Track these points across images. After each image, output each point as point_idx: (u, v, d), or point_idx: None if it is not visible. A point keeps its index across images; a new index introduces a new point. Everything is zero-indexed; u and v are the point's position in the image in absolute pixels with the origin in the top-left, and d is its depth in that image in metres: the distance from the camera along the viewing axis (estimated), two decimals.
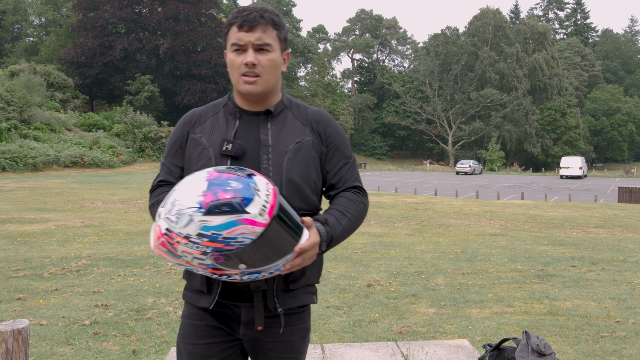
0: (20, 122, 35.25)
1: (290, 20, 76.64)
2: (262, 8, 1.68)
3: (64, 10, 64.46)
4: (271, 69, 1.67)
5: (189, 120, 1.79)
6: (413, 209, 17.43)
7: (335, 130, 1.79)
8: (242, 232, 1.33)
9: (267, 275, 1.46)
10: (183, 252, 1.35)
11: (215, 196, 1.33)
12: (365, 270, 7.60)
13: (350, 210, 1.71)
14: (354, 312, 5.41)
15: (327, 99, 67.48)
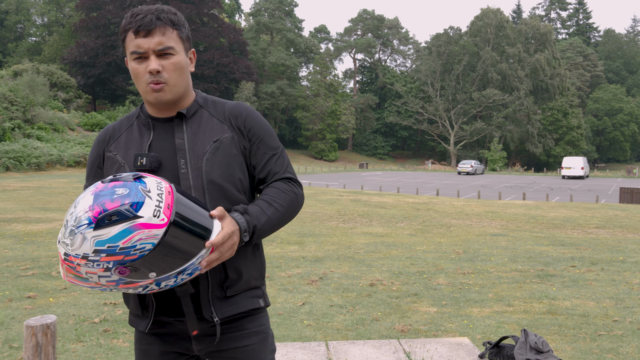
0: (23, 122, 35.42)
1: (292, 20, 76.74)
2: (157, 8, 1.58)
3: (67, 10, 64.65)
4: (178, 73, 1.58)
5: (103, 138, 1.71)
6: (415, 209, 17.54)
7: (256, 122, 1.69)
8: (139, 238, 1.25)
9: (186, 277, 1.37)
10: (87, 273, 1.28)
11: (102, 207, 1.26)
12: (367, 270, 7.71)
13: (278, 199, 1.60)
14: (357, 311, 5.53)
15: (329, 99, 67.59)
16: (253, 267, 1.65)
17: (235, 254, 1.54)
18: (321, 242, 10.23)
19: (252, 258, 1.65)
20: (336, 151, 69.71)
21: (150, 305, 1.59)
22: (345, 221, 13.61)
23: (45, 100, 40.67)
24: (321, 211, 15.45)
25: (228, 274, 1.58)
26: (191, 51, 1.67)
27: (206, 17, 57.19)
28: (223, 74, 55.62)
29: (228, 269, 1.58)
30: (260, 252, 1.71)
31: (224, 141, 1.62)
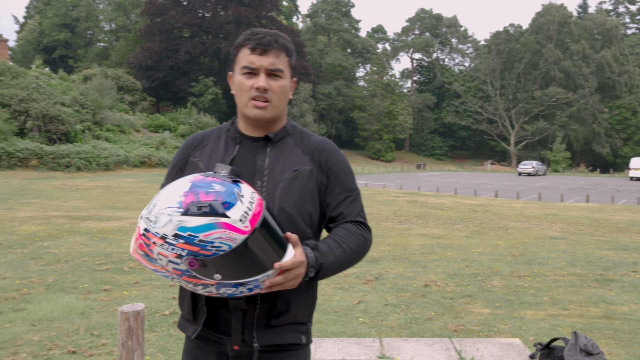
0: (93, 124, 37.19)
1: (349, 21, 76.94)
2: (276, 33, 1.65)
3: (133, 16, 67.29)
4: (281, 96, 1.64)
5: (191, 143, 1.78)
6: (472, 210, 17.40)
7: (338, 161, 1.72)
8: (219, 236, 1.28)
9: (245, 291, 1.38)
10: (158, 254, 1.31)
11: (197, 197, 1.30)
12: (422, 271, 7.84)
13: (348, 241, 1.61)
14: (411, 310, 5.69)
15: (385, 99, 67.40)
16: (303, 302, 1.65)
17: None
18: (377, 243, 10.39)
19: (305, 294, 1.65)
20: (393, 151, 69.43)
21: (201, 313, 1.61)
22: (401, 222, 13.70)
23: (113, 103, 42.53)
24: (377, 212, 15.59)
25: (277, 304, 1.59)
26: (293, 80, 1.73)
27: (264, 19, 58.21)
28: None
29: (278, 299, 1.58)
30: (314, 289, 1.71)
31: (302, 172, 1.64)
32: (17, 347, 4.31)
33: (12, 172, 27.34)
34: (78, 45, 69.24)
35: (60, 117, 33.00)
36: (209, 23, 56.46)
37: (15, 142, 29.11)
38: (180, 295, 1.70)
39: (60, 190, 19.14)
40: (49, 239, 9.62)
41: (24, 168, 28.54)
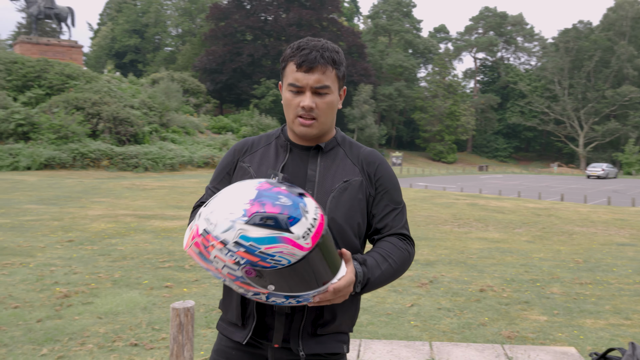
0: (160, 126, 38.57)
1: (411, 21, 76.25)
2: (323, 46, 1.62)
3: (198, 20, 69.28)
4: (328, 112, 1.65)
5: (241, 148, 1.78)
6: (535, 214, 16.92)
7: (386, 173, 1.73)
8: (281, 251, 1.28)
9: (293, 303, 1.39)
10: (215, 257, 1.32)
11: (262, 207, 1.29)
12: (479, 275, 7.73)
13: (393, 256, 1.62)
14: (465, 315, 5.65)
15: (447, 99, 66.37)
16: (348, 313, 1.67)
17: None
18: (434, 246, 10.31)
19: (349, 305, 1.66)
20: (455, 153, 68.26)
21: (251, 319, 1.62)
22: (460, 225, 13.51)
23: (179, 106, 43.96)
24: (436, 215, 15.43)
25: (324, 313, 1.60)
26: (343, 89, 1.73)
27: (326, 21, 58.60)
28: None
29: (325, 308, 1.60)
30: (357, 300, 1.72)
31: (352, 183, 1.65)
32: (85, 339, 4.59)
33: (85, 172, 28.77)
34: (147, 49, 71.93)
35: (129, 119, 34.45)
36: (271, 26, 57.43)
37: (88, 143, 30.60)
38: (226, 299, 1.71)
39: (129, 189, 19.99)
40: (117, 237, 10.10)
41: (95, 168, 29.97)
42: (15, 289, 6.16)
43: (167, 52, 71.48)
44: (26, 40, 44.30)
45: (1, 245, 8.97)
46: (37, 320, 5.02)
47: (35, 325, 4.88)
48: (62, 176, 25.75)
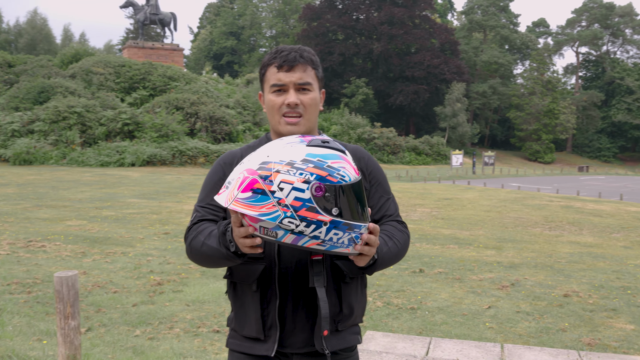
0: (253, 125, 39.91)
1: (507, 16, 73.58)
2: (300, 48, 1.68)
3: (292, 21, 70.80)
4: (312, 108, 1.68)
5: (230, 162, 1.73)
6: (637, 219, 15.91)
7: (375, 166, 1.78)
8: (344, 166, 1.34)
9: (344, 244, 1.37)
10: (281, 182, 1.29)
11: (313, 137, 1.39)
12: (565, 280, 7.48)
13: (396, 236, 1.68)
14: (544, 320, 5.53)
15: (546, 96, 63.47)
16: (360, 304, 1.72)
17: (347, 291, 1.65)
18: (520, 249, 10.04)
19: (361, 296, 1.73)
20: (552, 153, 65.14)
21: (273, 329, 1.61)
22: (552, 228, 13.01)
23: None
24: (526, 216, 14.93)
25: (342, 309, 1.64)
26: (322, 91, 1.77)
27: (418, 19, 57.92)
28: (433, 75, 55.77)
29: (343, 304, 1.64)
30: (365, 290, 1.78)
31: None
32: (173, 323, 4.99)
33: (183, 168, 30.37)
34: (242, 51, 74.49)
35: (224, 118, 35.92)
36: (363, 25, 57.60)
37: (186, 141, 32.27)
38: (239, 314, 1.67)
39: None
40: None
41: (192, 165, 31.55)
42: (115, 275, 6.75)
43: (261, 53, 73.62)
44: (133, 44, 47.36)
45: (106, 235, 9.78)
46: (133, 305, 5.50)
47: (130, 309, 5.35)
48: (163, 172, 27.35)
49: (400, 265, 8.11)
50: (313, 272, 1.56)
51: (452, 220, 13.94)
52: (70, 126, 31.53)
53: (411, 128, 59.59)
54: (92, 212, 12.99)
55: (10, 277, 6.57)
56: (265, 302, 1.61)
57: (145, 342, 4.45)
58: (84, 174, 24.49)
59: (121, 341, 4.44)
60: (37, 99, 34.57)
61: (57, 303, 3.19)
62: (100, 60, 40.80)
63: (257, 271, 1.58)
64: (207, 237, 1.53)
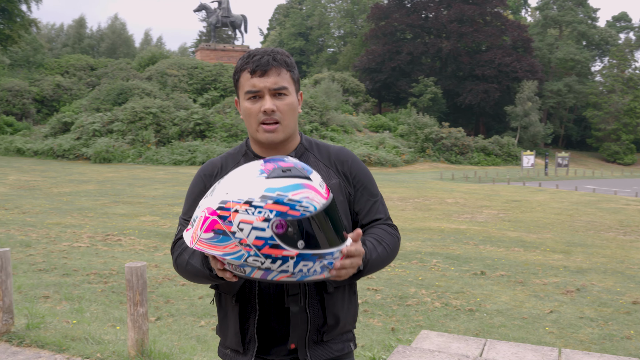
0: (320, 125, 40.28)
1: (585, 11, 70.43)
2: (273, 50, 1.61)
3: (360, 21, 70.83)
4: (290, 113, 1.60)
5: (210, 173, 1.69)
6: None
7: (360, 169, 1.70)
8: (307, 196, 1.27)
9: (318, 272, 1.33)
10: (240, 223, 1.25)
11: (276, 164, 1.31)
12: (635, 287, 7.21)
13: (386, 240, 1.61)
14: (609, 327, 5.38)
15: (626, 95, 60.31)
16: (348, 312, 1.66)
17: (332, 301, 1.60)
18: (590, 254, 9.71)
19: (349, 304, 1.67)
20: (633, 154, 61.80)
21: (252, 343, 1.59)
22: (626, 233, 12.46)
23: (338, 105, 45.47)
24: (599, 220, 14.36)
25: (327, 319, 1.60)
26: (299, 93, 1.68)
27: (489, 16, 56.52)
28: (504, 73, 54.24)
29: (327, 314, 1.60)
30: (355, 297, 1.73)
31: (332, 187, 1.61)
32: None
33: None
34: (311, 51, 75.24)
35: None
36: (432, 23, 56.86)
37: None
38: (222, 325, 1.67)
39: None
40: None
41: None
42: None
43: (329, 53, 74.10)
44: (205, 47, 48.90)
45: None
46: (199, 297, 5.80)
47: (197, 301, 5.65)
48: None
49: (461, 266, 8.07)
50: (288, 292, 1.53)
51: (519, 222, 13.62)
52: (146, 126, 33.00)
53: (481, 128, 58.25)
54: (165, 208, 13.61)
55: (89, 268, 7.06)
56: (245, 316, 1.59)
57: (208, 332, 4.71)
58: (158, 172, 25.59)
59: (186, 330, 4.72)
60: (116, 100, 36.39)
61: (127, 291, 3.48)
62: (174, 63, 42.42)
63: (236, 286, 1.56)
64: (191, 256, 1.52)
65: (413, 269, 7.81)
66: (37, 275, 6.61)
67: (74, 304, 5.36)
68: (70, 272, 6.83)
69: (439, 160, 41.34)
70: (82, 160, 30.24)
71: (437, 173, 33.77)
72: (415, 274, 7.42)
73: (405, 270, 7.68)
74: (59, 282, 6.26)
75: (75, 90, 41.65)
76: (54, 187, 17.92)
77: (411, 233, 11.43)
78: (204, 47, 49.05)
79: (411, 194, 20.15)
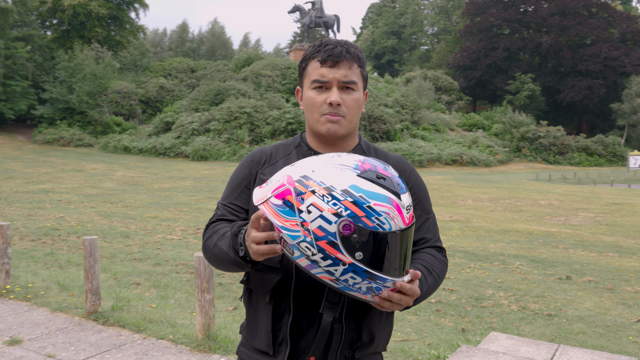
0: (411, 123, 39.92)
1: None
2: (347, 42, 1.54)
3: (454, 18, 69.31)
4: (355, 109, 1.53)
5: (258, 160, 1.63)
6: None
7: (418, 181, 1.61)
8: (387, 212, 1.19)
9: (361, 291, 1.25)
10: (311, 205, 1.19)
11: (374, 167, 1.24)
12: None
13: (436, 268, 1.52)
14: None
15: None
16: (384, 332, 1.58)
17: (370, 317, 1.51)
18: None
19: (385, 323, 1.58)
20: None
21: (284, 345, 1.49)
22: None
23: (430, 103, 44.81)
24: None
25: (362, 335, 1.51)
26: (365, 92, 1.61)
27: (594, 7, 53.34)
28: (611, 68, 50.97)
29: (363, 330, 1.51)
30: (392, 318, 1.63)
31: None
32: None
33: None
34: (403, 50, 74.63)
35: (382, 117, 36.43)
36: (530, 17, 54.54)
37: None
38: (252, 324, 1.57)
39: None
40: None
41: None
42: None
43: (422, 51, 73.13)
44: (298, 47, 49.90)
45: None
46: None
47: None
48: None
49: (545, 270, 7.80)
50: (327, 298, 1.41)
51: (617, 227, 12.86)
52: (241, 125, 34.26)
53: (584, 126, 55.11)
54: None
55: (178, 259, 7.55)
56: (278, 315, 1.49)
57: None
58: None
59: None
60: (213, 101, 38.06)
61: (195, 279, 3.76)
62: (268, 64, 43.66)
63: (272, 281, 1.47)
64: (221, 238, 1.46)
65: (494, 270, 7.65)
66: (132, 264, 7.17)
67: (161, 291, 5.79)
68: (162, 262, 7.35)
69: (535, 161, 39.64)
70: (182, 157, 31.93)
71: (533, 173, 32.41)
72: (495, 276, 7.27)
73: (485, 271, 7.55)
74: (150, 271, 6.77)
75: (176, 91, 43.98)
76: (155, 183, 19.12)
77: (497, 234, 11.15)
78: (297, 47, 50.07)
79: (502, 195, 19.54)
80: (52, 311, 4.69)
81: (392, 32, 75.04)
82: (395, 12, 76.28)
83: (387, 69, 72.07)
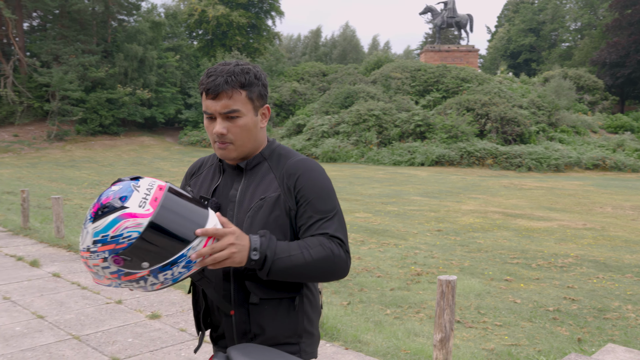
0: (548, 125, 37.86)
1: None
2: (229, 70, 1.59)
3: (601, 11, 64.40)
4: (243, 134, 1.62)
5: (190, 171, 1.84)
6: None
7: (308, 183, 1.64)
8: (125, 226, 1.35)
9: (183, 272, 1.42)
10: (94, 266, 1.40)
11: (100, 203, 1.39)
12: None
13: (311, 249, 1.54)
14: None
15: None
16: (283, 325, 1.64)
17: (259, 310, 1.62)
18: None
19: (284, 317, 1.64)
20: None
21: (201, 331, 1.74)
22: None
23: (570, 104, 42.15)
24: None
25: (251, 327, 1.63)
26: (265, 107, 1.69)
27: None
28: None
29: (251, 322, 1.63)
30: (301, 309, 1.68)
31: (267, 201, 1.62)
32: (420, 309, 5.58)
33: (470, 169, 30.68)
34: (542, 47, 70.78)
35: (516, 119, 34.98)
36: None
37: (475, 142, 32.50)
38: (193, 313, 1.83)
39: (506, 188, 20.66)
40: (480, 231, 10.95)
41: (480, 166, 31.61)
42: (383, 263, 7.66)
43: (563, 49, 68.79)
44: (430, 49, 49.43)
45: (385, 228, 10.90)
46: (390, 289, 6.27)
47: (387, 292, 6.13)
48: (449, 172, 28.16)
49: None
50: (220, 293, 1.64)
51: None
52: (369, 127, 34.72)
53: None
54: (378, 206, 14.42)
55: None
56: (198, 307, 1.75)
57: (390, 319, 5.15)
58: (378, 171, 26.85)
59: (370, 315, 5.23)
60: (343, 104, 38.96)
61: None
62: (398, 66, 43.75)
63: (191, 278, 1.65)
64: None
65: (625, 282, 7.23)
66: None
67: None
68: None
69: None
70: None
71: None
72: (625, 288, 6.88)
73: (614, 283, 7.16)
74: None
75: (308, 95, 45.57)
76: None
77: (636, 245, 10.40)
78: (428, 48, 49.60)
79: None
80: (186, 293, 5.33)
81: (529, 29, 71.47)
82: (533, 8, 72.59)
83: (524, 68, 68.82)
